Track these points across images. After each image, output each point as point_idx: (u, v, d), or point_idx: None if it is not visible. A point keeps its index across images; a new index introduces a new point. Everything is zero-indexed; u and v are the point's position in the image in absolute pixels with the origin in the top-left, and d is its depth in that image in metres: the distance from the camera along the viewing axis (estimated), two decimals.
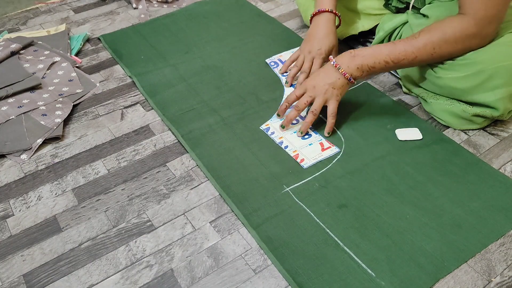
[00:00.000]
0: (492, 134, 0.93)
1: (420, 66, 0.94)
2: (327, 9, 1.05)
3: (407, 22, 1.04)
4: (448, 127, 0.95)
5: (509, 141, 0.92)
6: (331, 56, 0.92)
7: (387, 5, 1.11)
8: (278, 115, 0.96)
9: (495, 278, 0.69)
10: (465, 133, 0.94)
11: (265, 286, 0.70)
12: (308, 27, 1.15)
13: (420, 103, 1.01)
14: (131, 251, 0.76)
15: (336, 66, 0.89)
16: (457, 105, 0.91)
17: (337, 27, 1.09)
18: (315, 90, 0.90)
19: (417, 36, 0.87)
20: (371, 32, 1.21)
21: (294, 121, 0.96)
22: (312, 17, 1.08)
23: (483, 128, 0.94)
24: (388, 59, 0.87)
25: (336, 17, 1.07)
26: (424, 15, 0.99)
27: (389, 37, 1.08)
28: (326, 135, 0.92)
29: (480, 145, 0.91)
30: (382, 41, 1.10)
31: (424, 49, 0.86)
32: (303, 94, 0.92)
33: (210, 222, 0.79)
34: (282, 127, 0.94)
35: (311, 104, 0.92)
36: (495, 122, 0.95)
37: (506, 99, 0.86)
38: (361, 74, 0.89)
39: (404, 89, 1.04)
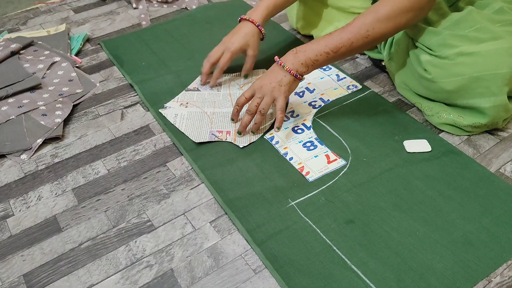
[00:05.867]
0: (492, 134, 0.93)
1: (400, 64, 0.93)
2: (254, 22, 1.04)
3: None
4: None
5: (509, 141, 0.92)
6: (276, 56, 0.92)
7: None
8: (232, 119, 0.95)
9: (495, 278, 0.69)
10: None
11: (265, 286, 0.70)
12: (295, 29, 1.28)
13: None
14: (131, 251, 0.76)
15: (280, 65, 0.90)
16: (449, 118, 0.91)
17: (261, 39, 1.08)
18: (262, 90, 0.91)
19: (352, 22, 0.87)
20: None
21: (299, 131, 0.95)
22: (240, 19, 1.06)
23: None
24: (328, 50, 0.87)
25: (260, 32, 1.06)
26: None
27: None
28: (276, 130, 0.91)
29: (480, 145, 0.91)
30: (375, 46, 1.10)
31: (359, 33, 0.86)
32: (252, 96, 0.92)
33: (210, 222, 0.79)
34: (239, 133, 0.93)
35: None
36: None
37: (500, 108, 0.85)
38: (307, 69, 0.90)
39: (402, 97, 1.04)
